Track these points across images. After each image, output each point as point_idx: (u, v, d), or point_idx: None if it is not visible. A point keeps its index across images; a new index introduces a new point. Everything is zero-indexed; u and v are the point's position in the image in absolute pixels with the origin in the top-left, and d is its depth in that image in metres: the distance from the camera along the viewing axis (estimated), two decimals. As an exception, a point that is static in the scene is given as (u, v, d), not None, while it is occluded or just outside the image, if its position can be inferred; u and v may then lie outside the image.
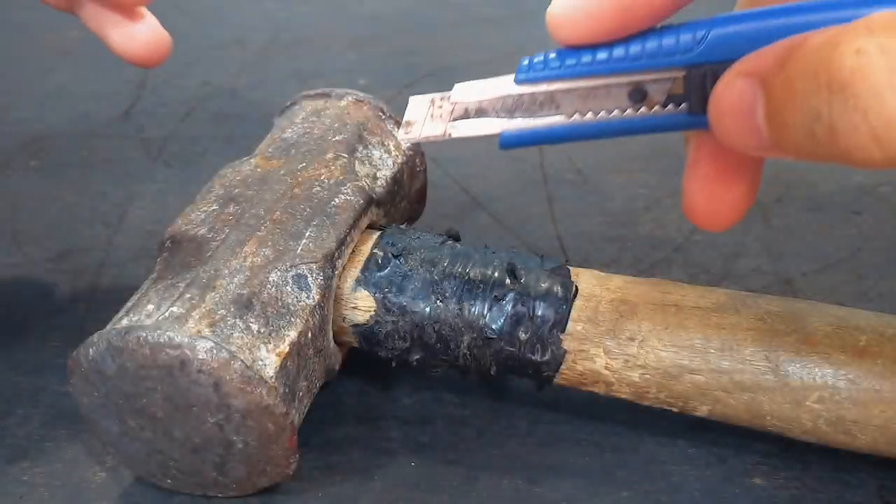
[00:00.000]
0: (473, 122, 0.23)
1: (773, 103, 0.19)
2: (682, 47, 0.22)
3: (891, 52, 0.17)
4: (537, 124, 0.23)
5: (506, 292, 0.27)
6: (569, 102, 0.22)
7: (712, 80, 0.21)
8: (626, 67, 0.22)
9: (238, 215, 0.28)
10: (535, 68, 0.22)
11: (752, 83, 0.20)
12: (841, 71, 0.17)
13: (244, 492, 0.27)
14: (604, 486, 0.27)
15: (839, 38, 0.18)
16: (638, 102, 0.22)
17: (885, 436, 0.25)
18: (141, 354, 0.24)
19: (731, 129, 0.20)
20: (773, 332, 0.26)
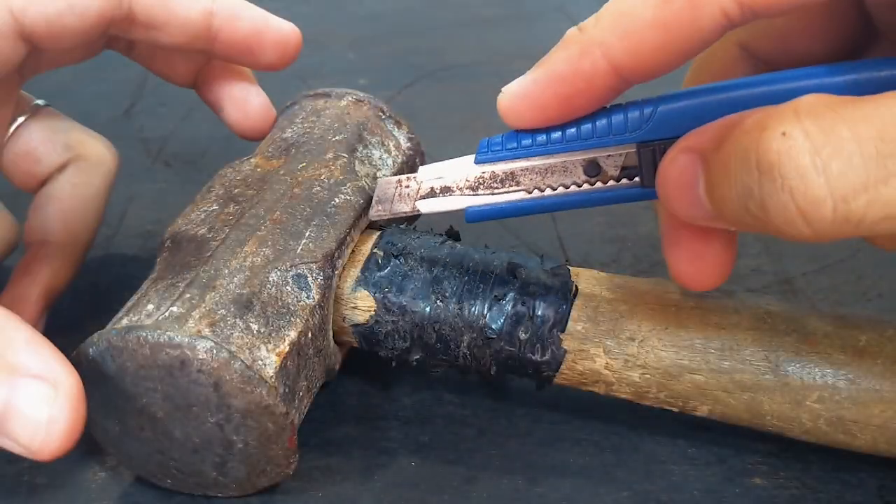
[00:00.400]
0: (440, 199, 0.25)
1: (711, 179, 0.20)
2: (630, 125, 0.23)
3: (814, 135, 0.18)
4: (500, 200, 0.25)
5: (506, 292, 0.27)
6: (528, 179, 0.24)
7: (661, 154, 0.22)
8: (580, 146, 0.23)
9: (238, 215, 0.28)
10: (494, 149, 0.24)
11: (694, 159, 0.21)
12: (769, 153, 0.18)
13: (244, 492, 0.27)
14: (604, 486, 0.27)
15: (768, 121, 0.19)
16: (593, 177, 0.24)
17: (884, 435, 0.25)
18: (141, 354, 0.24)
19: (676, 201, 0.21)
20: (773, 332, 0.26)
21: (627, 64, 0.21)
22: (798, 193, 0.18)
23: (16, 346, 0.22)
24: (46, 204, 0.32)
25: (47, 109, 0.33)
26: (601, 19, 0.21)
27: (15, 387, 0.22)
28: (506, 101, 0.23)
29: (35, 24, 0.27)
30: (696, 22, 0.20)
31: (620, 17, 0.21)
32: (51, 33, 0.27)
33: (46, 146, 0.32)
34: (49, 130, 0.32)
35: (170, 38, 0.30)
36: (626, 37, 0.21)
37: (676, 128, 0.22)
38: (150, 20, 0.30)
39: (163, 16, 0.30)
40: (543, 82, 0.22)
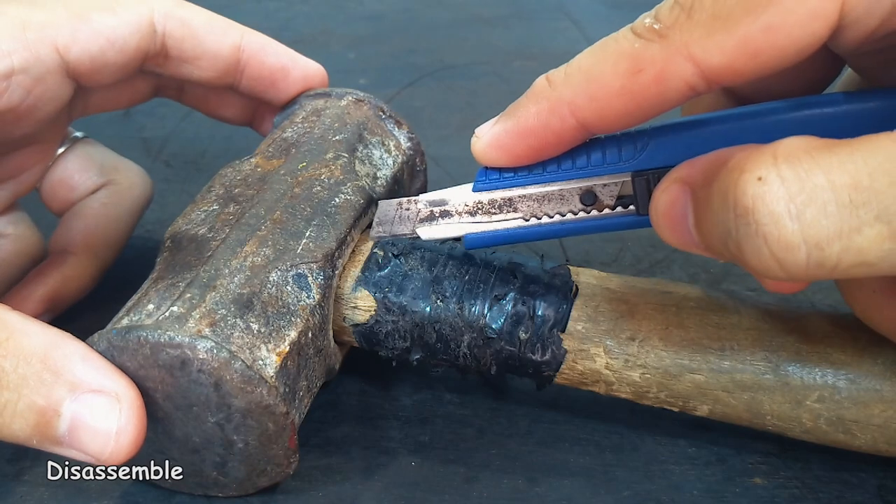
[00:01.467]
0: (440, 226, 0.26)
1: (697, 214, 0.21)
2: (624, 156, 0.24)
3: (790, 181, 0.18)
4: (497, 227, 0.25)
5: (506, 292, 0.27)
6: (525, 206, 0.25)
7: (655, 183, 0.23)
8: (575, 175, 0.24)
9: (238, 215, 0.28)
10: (491, 178, 0.25)
11: (685, 191, 0.22)
12: (745, 196, 0.19)
13: (244, 491, 0.27)
14: (604, 486, 0.27)
15: (746, 164, 0.19)
16: (589, 205, 0.24)
17: (884, 435, 0.25)
18: (141, 354, 0.24)
19: (667, 230, 0.22)
20: (774, 331, 0.26)
21: (595, 123, 0.22)
22: (772, 239, 0.18)
23: (73, 363, 0.23)
24: (73, 219, 0.33)
25: (86, 140, 0.35)
26: (570, 77, 0.22)
27: (80, 403, 0.23)
28: (479, 147, 0.24)
29: (80, 60, 0.28)
30: (662, 94, 0.21)
31: (589, 81, 0.22)
32: (94, 69, 0.29)
33: (82, 175, 0.34)
34: (86, 160, 0.34)
35: (200, 72, 0.32)
36: (594, 100, 0.22)
37: (669, 157, 0.23)
38: (182, 54, 0.31)
39: (194, 50, 0.31)
40: (514, 134, 0.23)
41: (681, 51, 0.20)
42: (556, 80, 0.23)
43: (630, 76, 0.21)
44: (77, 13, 0.28)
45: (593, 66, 0.22)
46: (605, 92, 0.22)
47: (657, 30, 0.21)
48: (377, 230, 0.26)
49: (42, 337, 0.23)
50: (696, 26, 0.20)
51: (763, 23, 0.19)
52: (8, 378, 0.23)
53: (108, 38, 0.28)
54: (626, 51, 0.21)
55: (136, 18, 0.29)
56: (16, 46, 0.27)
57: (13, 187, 0.33)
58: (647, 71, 0.21)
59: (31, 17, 0.27)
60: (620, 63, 0.21)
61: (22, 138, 0.30)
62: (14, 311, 0.24)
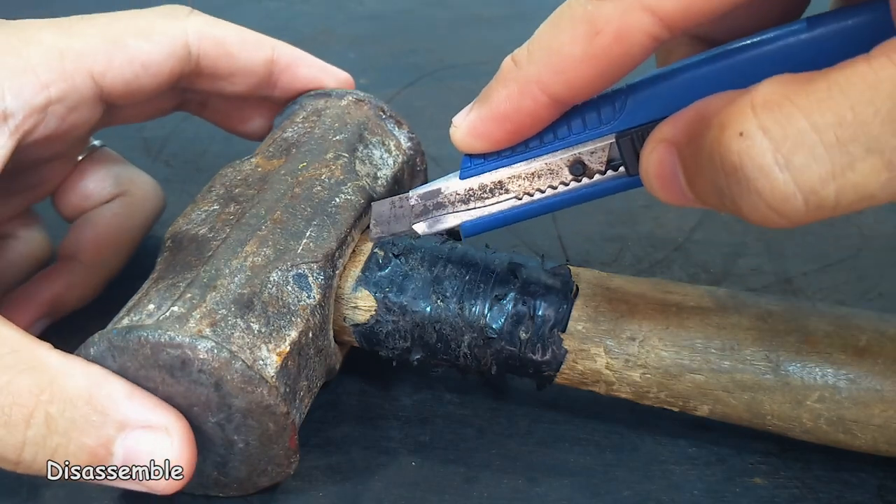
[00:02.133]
0: (435, 218, 0.25)
1: (687, 173, 0.21)
2: (605, 118, 0.23)
3: (772, 131, 0.18)
4: (492, 210, 0.25)
5: (506, 292, 0.27)
6: (516, 185, 0.24)
7: (640, 141, 0.23)
8: (560, 146, 0.24)
9: (239, 215, 0.28)
10: (476, 163, 0.25)
11: (670, 150, 0.21)
12: (730, 154, 0.18)
13: (245, 491, 0.27)
14: (604, 486, 0.27)
15: (726, 120, 0.18)
16: (579, 175, 0.24)
17: (885, 435, 0.25)
18: (142, 354, 0.24)
19: (661, 192, 0.22)
20: (774, 331, 0.26)
21: (565, 95, 0.22)
22: (766, 192, 0.18)
23: (119, 402, 0.23)
24: (84, 226, 0.34)
25: (104, 150, 0.35)
26: (533, 54, 0.22)
27: (131, 439, 0.23)
28: (458, 136, 0.24)
29: (114, 86, 0.28)
30: (626, 52, 0.21)
31: (551, 54, 0.21)
32: (128, 92, 0.29)
33: (97, 184, 0.34)
34: (102, 170, 0.34)
35: (233, 87, 0.32)
36: (560, 72, 0.21)
37: (650, 112, 0.22)
38: (216, 72, 0.31)
39: (228, 67, 0.32)
40: (489, 120, 0.23)
41: (634, 3, 0.20)
42: (521, 59, 0.22)
43: (590, 40, 0.20)
44: (113, 39, 0.28)
45: (552, 38, 0.21)
46: (569, 63, 0.21)
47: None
48: (375, 231, 0.26)
49: (84, 378, 0.23)
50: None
51: None
52: (56, 423, 0.23)
53: (143, 63, 0.29)
54: (580, 15, 0.20)
55: (171, 42, 0.29)
56: (54, 78, 0.27)
57: (32, 193, 0.33)
58: (605, 31, 0.20)
59: (68, 45, 0.27)
60: (577, 29, 0.20)
61: (49, 155, 0.31)
62: (54, 351, 0.24)
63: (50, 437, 0.23)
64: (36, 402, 0.23)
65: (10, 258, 0.33)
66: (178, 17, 0.30)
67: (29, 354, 0.24)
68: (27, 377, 0.23)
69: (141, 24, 0.29)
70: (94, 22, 0.29)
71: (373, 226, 0.26)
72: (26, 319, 0.31)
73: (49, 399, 0.23)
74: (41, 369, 0.23)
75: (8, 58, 0.26)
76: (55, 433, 0.23)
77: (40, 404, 0.23)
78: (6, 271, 0.33)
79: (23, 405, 0.23)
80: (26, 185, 0.32)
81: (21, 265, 0.33)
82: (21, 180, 0.32)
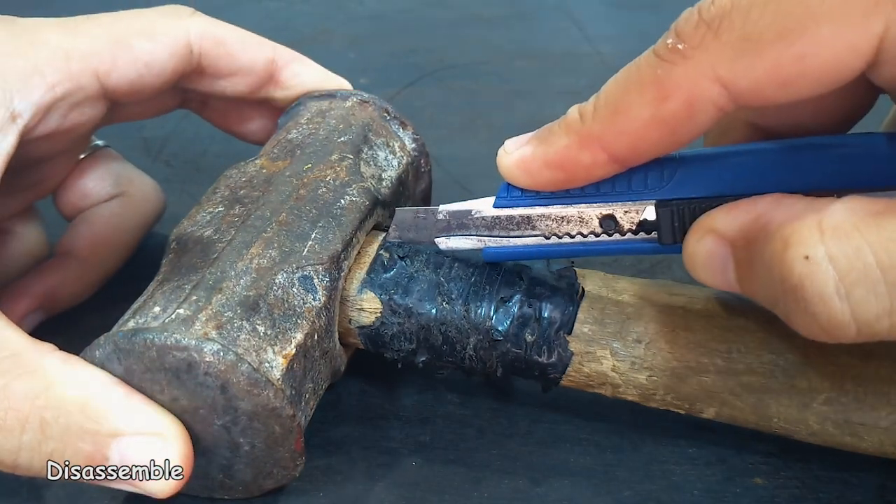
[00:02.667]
0: (457, 238, 0.26)
1: (740, 273, 0.21)
2: (651, 184, 0.23)
3: (838, 259, 0.18)
4: (515, 242, 0.25)
5: (512, 294, 0.27)
6: (544, 224, 0.25)
7: (680, 215, 0.23)
8: (597, 200, 0.24)
9: (244, 217, 0.28)
10: (514, 195, 0.25)
11: (723, 245, 0.21)
12: (791, 275, 0.18)
13: (250, 494, 0.27)
14: (605, 486, 0.28)
15: (791, 238, 0.18)
16: (610, 230, 0.24)
17: (891, 438, 0.25)
18: (148, 357, 0.23)
19: (706, 279, 0.22)
20: (780, 334, 0.26)
21: (626, 156, 0.22)
22: (822, 318, 0.18)
23: (113, 410, 0.23)
24: (82, 224, 0.34)
25: (105, 150, 0.35)
26: (598, 111, 0.22)
27: (125, 445, 0.23)
28: (506, 163, 0.24)
29: (118, 85, 0.29)
30: (692, 118, 0.20)
31: (617, 114, 0.21)
32: (131, 91, 0.29)
33: (97, 184, 0.34)
34: (103, 170, 0.34)
35: (234, 87, 0.32)
36: (624, 133, 0.21)
37: (697, 188, 0.22)
38: (217, 71, 0.32)
39: (229, 67, 0.32)
40: (543, 163, 0.23)
41: (707, 73, 0.20)
42: (586, 113, 0.22)
43: (658, 105, 0.20)
44: (117, 39, 0.28)
45: (619, 98, 0.21)
46: (634, 125, 0.21)
47: (681, 50, 0.20)
48: (393, 235, 0.27)
49: (80, 386, 0.23)
50: (723, 47, 0.19)
51: (796, 51, 0.19)
52: (51, 429, 0.23)
53: (146, 63, 0.29)
54: (649, 77, 0.20)
55: (174, 41, 0.30)
56: (60, 78, 0.27)
57: (34, 191, 0.33)
58: (674, 97, 0.20)
59: (73, 45, 0.28)
60: (646, 91, 0.20)
61: (51, 153, 0.31)
62: (56, 355, 0.24)
63: (45, 442, 0.23)
64: (31, 406, 0.23)
65: (7, 254, 0.33)
66: (180, 17, 0.31)
67: (28, 358, 0.24)
68: (24, 382, 0.23)
69: (144, 24, 0.29)
70: (98, 22, 0.29)
71: (392, 230, 0.27)
72: (19, 312, 0.31)
73: (44, 404, 0.23)
74: (38, 374, 0.23)
75: (16, 59, 0.26)
76: (50, 438, 0.23)
77: (35, 409, 0.23)
78: (2, 267, 0.33)
79: (18, 410, 0.23)
80: (29, 182, 0.32)
81: (17, 261, 0.33)
82: (24, 177, 0.32)
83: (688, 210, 0.23)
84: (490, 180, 0.43)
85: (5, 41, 0.27)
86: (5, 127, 0.26)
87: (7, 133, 0.26)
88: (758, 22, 0.19)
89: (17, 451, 0.23)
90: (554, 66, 0.52)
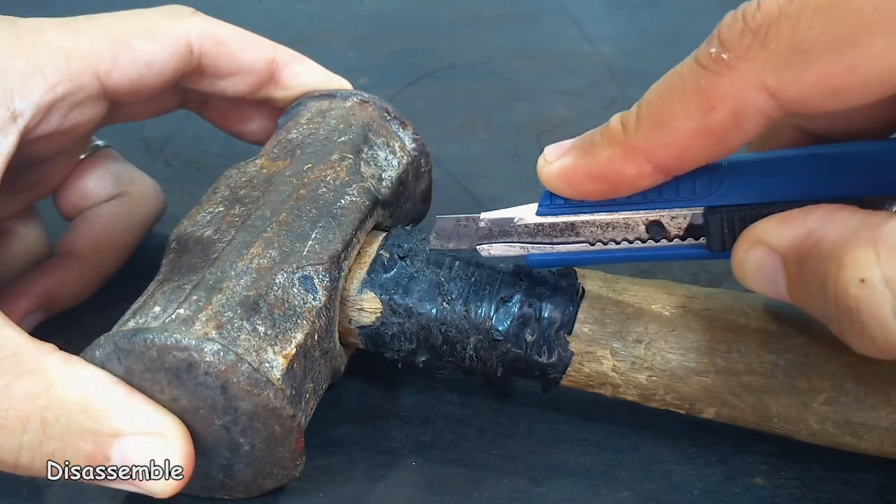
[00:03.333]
0: (499, 245, 0.25)
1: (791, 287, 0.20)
2: (699, 192, 0.23)
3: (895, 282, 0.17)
4: (559, 249, 0.25)
5: (512, 294, 0.27)
6: (588, 231, 0.24)
7: (729, 223, 0.22)
8: (644, 207, 0.23)
9: (244, 216, 0.28)
10: (557, 203, 0.24)
11: (772, 257, 0.21)
12: (847, 297, 0.18)
13: (250, 494, 0.27)
14: (605, 486, 0.28)
15: (846, 260, 0.18)
16: (657, 236, 0.24)
17: (891, 438, 0.25)
18: (148, 357, 0.23)
19: (756, 288, 0.21)
20: (780, 334, 0.26)
21: (672, 166, 0.21)
22: (878, 339, 0.18)
23: (114, 410, 0.23)
24: (82, 223, 0.34)
25: (106, 150, 0.35)
26: (642, 122, 0.21)
27: (126, 445, 0.23)
28: (547, 173, 0.23)
29: (118, 85, 0.29)
30: (739, 127, 0.20)
31: (661, 124, 0.21)
32: (132, 91, 0.29)
33: (97, 184, 0.34)
34: (103, 170, 0.34)
35: (234, 87, 0.32)
36: (669, 144, 0.21)
37: (748, 195, 0.22)
38: (217, 71, 0.32)
39: (229, 67, 0.32)
40: (585, 174, 0.23)
41: (753, 83, 0.19)
42: (629, 123, 0.22)
43: (703, 115, 0.20)
44: (118, 39, 0.29)
45: (663, 108, 0.21)
46: (679, 135, 0.20)
47: (725, 60, 0.19)
48: (434, 243, 0.26)
49: (81, 385, 0.23)
50: (771, 56, 0.19)
51: (848, 62, 0.18)
52: (52, 428, 0.23)
53: (146, 62, 0.29)
54: (693, 87, 0.20)
55: (174, 42, 0.30)
56: (61, 78, 0.27)
57: (35, 191, 0.33)
58: (720, 108, 0.20)
59: (74, 45, 0.28)
60: (690, 102, 0.20)
61: (52, 153, 0.31)
62: (56, 355, 0.24)
63: (46, 442, 0.23)
64: (32, 406, 0.23)
65: (7, 254, 0.33)
66: (180, 17, 0.31)
67: (29, 358, 0.24)
68: (25, 382, 0.23)
69: (145, 24, 0.30)
70: (99, 22, 0.29)
71: (433, 238, 0.26)
72: (19, 312, 0.31)
73: (45, 404, 0.23)
74: (39, 374, 0.23)
75: (16, 59, 0.27)
76: (51, 438, 0.23)
77: (36, 409, 0.23)
78: (2, 267, 0.33)
79: (19, 410, 0.23)
80: (29, 182, 0.32)
81: (17, 261, 0.33)
82: (25, 177, 0.32)
83: (737, 217, 0.22)
84: (490, 180, 0.43)
85: (6, 41, 0.27)
86: (6, 127, 0.26)
87: (7, 133, 0.26)
88: (808, 31, 0.18)
89: (19, 451, 0.23)
90: (554, 66, 0.52)
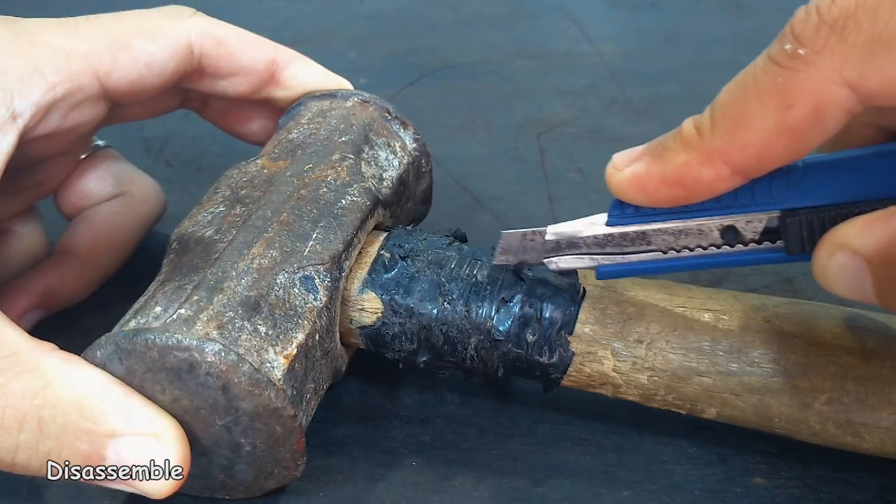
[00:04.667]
0: (569, 257, 0.25)
1: (880, 290, 0.20)
2: (776, 194, 0.22)
3: None
4: (630, 259, 0.24)
5: (513, 294, 0.27)
6: (660, 240, 0.24)
7: (808, 223, 0.22)
8: (718, 214, 0.23)
9: (245, 216, 0.28)
10: (627, 213, 0.23)
11: (858, 261, 0.20)
12: None
13: (251, 494, 0.27)
14: (605, 486, 0.28)
15: None
16: (732, 242, 0.23)
17: (892, 438, 0.25)
18: (149, 357, 0.23)
19: (842, 294, 0.21)
20: (782, 334, 0.26)
21: (752, 168, 0.21)
22: None
23: (111, 410, 0.23)
24: (81, 223, 0.34)
25: (106, 150, 0.35)
26: (717, 125, 0.21)
27: (122, 446, 0.23)
28: (618, 181, 0.23)
29: (118, 85, 0.29)
30: (820, 124, 0.20)
31: (737, 126, 0.20)
32: (132, 92, 0.29)
33: (98, 184, 0.34)
34: (104, 170, 0.34)
35: (235, 87, 0.32)
36: (748, 146, 0.20)
37: (827, 196, 0.22)
38: (217, 71, 0.32)
39: (230, 67, 0.32)
40: (660, 181, 0.22)
41: (833, 77, 0.19)
42: (703, 127, 0.21)
43: (781, 113, 0.19)
44: (118, 40, 0.28)
45: (739, 109, 0.20)
46: (758, 136, 0.20)
47: (802, 56, 0.19)
48: (500, 259, 0.26)
49: (78, 385, 0.23)
50: (850, 49, 0.18)
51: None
52: (48, 428, 0.23)
53: (146, 63, 0.29)
54: (769, 86, 0.19)
55: (174, 42, 0.30)
56: (60, 78, 0.27)
57: (35, 191, 0.33)
58: (799, 105, 0.19)
59: (74, 46, 0.28)
60: (767, 101, 0.20)
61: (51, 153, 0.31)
62: (56, 354, 0.24)
63: (42, 441, 0.23)
64: (29, 405, 0.23)
65: (7, 254, 0.33)
66: (181, 17, 0.31)
67: (27, 357, 0.24)
68: (22, 381, 0.23)
69: (145, 25, 0.30)
70: (98, 22, 0.29)
71: (499, 253, 0.26)
72: (18, 310, 0.31)
73: (41, 404, 0.23)
74: (37, 373, 0.23)
75: (16, 59, 0.27)
76: (48, 437, 0.23)
77: (33, 408, 0.23)
78: (2, 267, 0.33)
79: (16, 408, 0.23)
80: (29, 182, 0.32)
81: (17, 261, 0.33)
82: (25, 177, 0.32)
83: (816, 218, 0.22)
84: (490, 180, 0.43)
85: (5, 41, 0.27)
86: (5, 127, 0.26)
87: (7, 133, 0.26)
88: (888, 21, 0.18)
89: (15, 450, 0.23)
90: (554, 66, 0.52)
